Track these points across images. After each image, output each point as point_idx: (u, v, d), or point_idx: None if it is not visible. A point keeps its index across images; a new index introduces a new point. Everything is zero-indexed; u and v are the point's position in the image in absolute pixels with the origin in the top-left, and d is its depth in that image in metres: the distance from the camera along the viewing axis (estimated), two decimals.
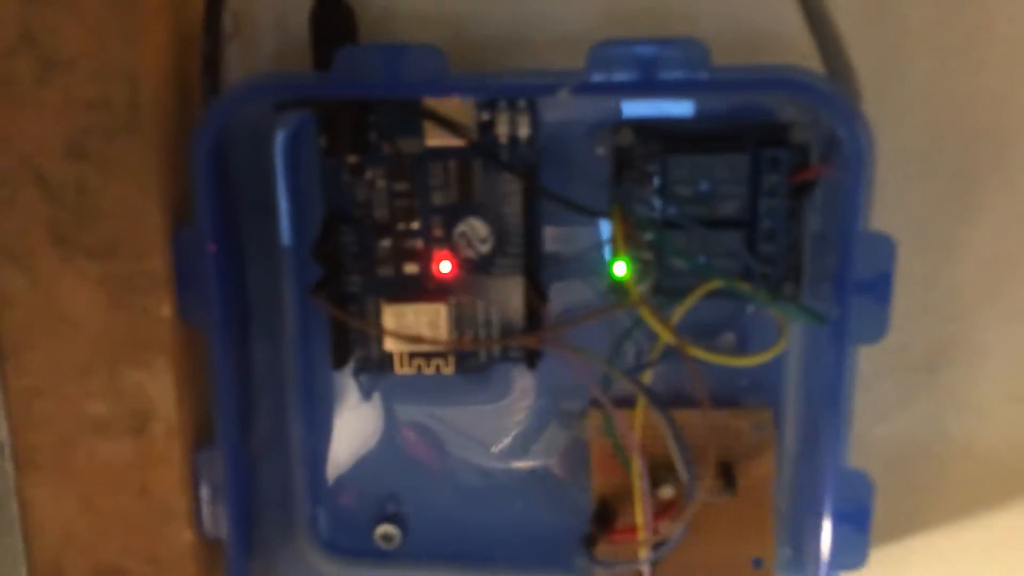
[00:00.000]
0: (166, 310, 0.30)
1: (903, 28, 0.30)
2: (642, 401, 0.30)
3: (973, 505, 0.34)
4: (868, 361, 0.30)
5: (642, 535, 0.32)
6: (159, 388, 0.31)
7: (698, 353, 0.29)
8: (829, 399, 0.28)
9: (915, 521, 0.35)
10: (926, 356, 0.33)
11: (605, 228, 0.32)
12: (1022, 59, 0.30)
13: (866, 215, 0.27)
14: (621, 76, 0.27)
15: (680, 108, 0.30)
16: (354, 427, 0.36)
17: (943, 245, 0.32)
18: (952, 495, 0.34)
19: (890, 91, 0.30)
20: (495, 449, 0.35)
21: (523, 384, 0.34)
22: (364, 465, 0.36)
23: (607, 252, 0.32)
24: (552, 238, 0.33)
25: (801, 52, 0.29)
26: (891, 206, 0.30)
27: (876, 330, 0.28)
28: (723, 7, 0.31)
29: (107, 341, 0.31)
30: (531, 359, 0.33)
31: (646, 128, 0.30)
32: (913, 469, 0.34)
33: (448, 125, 0.31)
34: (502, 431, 0.35)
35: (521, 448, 0.35)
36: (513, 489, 0.35)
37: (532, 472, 0.35)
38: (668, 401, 0.31)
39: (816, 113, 0.29)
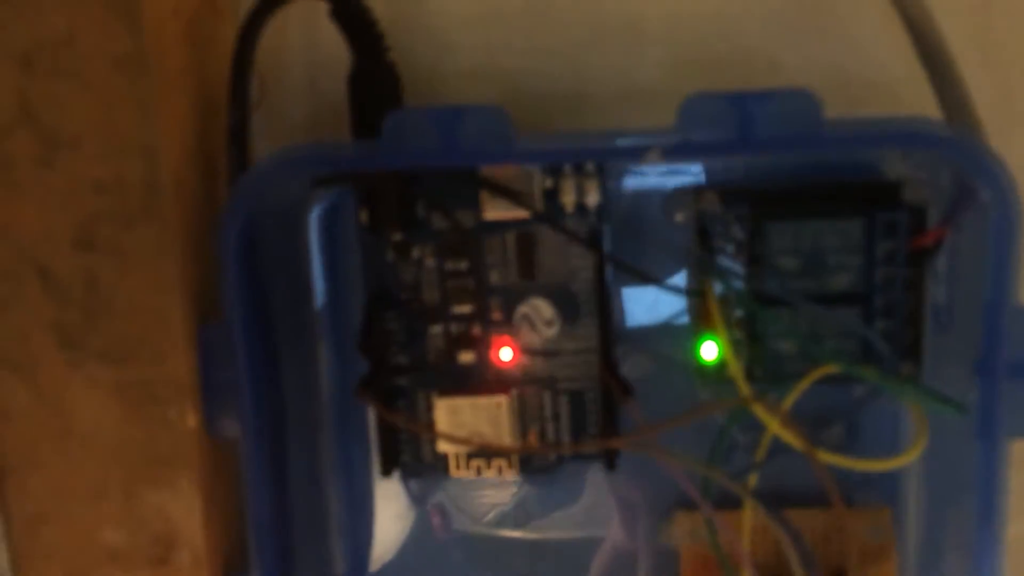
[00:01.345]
0: (191, 420, 0.26)
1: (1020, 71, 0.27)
2: (749, 504, 0.26)
3: None
4: None
5: None
6: (183, 510, 0.27)
7: (830, 458, 0.25)
8: (980, 503, 0.24)
9: None
10: None
11: (683, 303, 0.28)
12: None
13: (1016, 286, 0.23)
14: (718, 134, 0.23)
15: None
16: (405, 538, 0.31)
17: None
18: None
19: (1012, 142, 0.27)
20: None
21: (598, 485, 0.30)
22: None
23: (690, 331, 0.28)
24: (626, 317, 0.29)
25: (902, 101, 0.26)
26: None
27: None
28: (809, 52, 0.27)
29: (123, 458, 0.26)
30: (610, 460, 0.29)
31: (734, 191, 0.27)
32: None
33: (509, 194, 0.27)
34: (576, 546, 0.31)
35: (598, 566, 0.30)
36: None
37: None
38: (775, 501, 0.27)
39: (932, 169, 0.26)
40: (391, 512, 0.32)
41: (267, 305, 0.27)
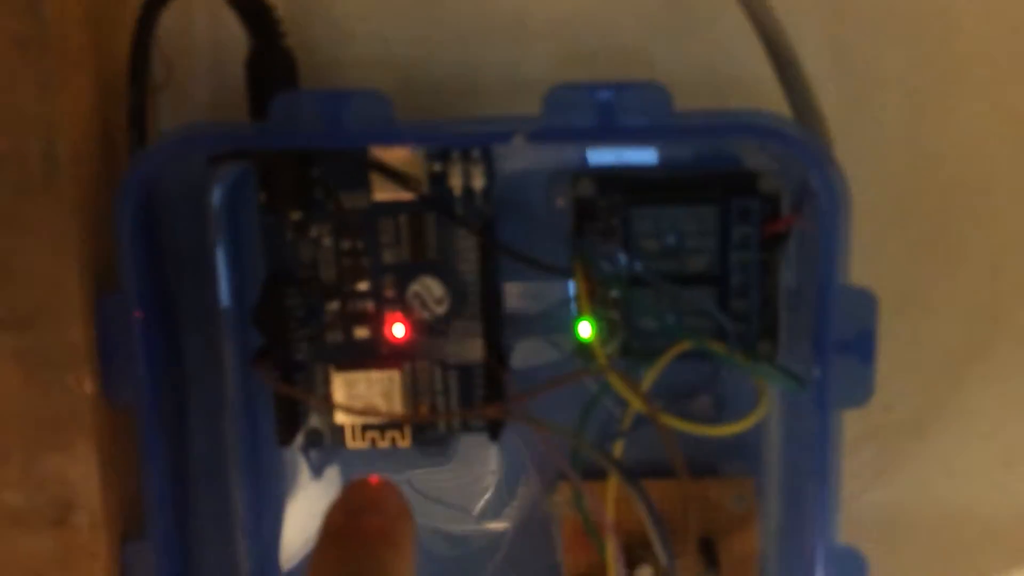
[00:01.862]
0: (88, 386, 0.27)
1: (874, 74, 0.29)
2: (613, 482, 0.28)
3: None
4: (850, 425, 0.28)
5: None
6: (81, 474, 0.28)
7: (673, 423, 0.27)
8: (814, 469, 0.26)
9: None
10: (912, 418, 0.31)
11: (569, 285, 0.30)
12: (996, 105, 0.29)
13: (844, 269, 0.25)
14: (579, 122, 0.25)
15: (641, 156, 0.29)
16: (306, 508, 0.33)
17: (923, 301, 0.30)
18: (947, 569, 0.32)
19: (861, 140, 0.29)
20: (460, 525, 0.32)
21: (486, 456, 0.32)
22: None
23: (572, 310, 0.30)
24: (512, 296, 0.31)
25: (765, 97, 0.28)
26: (867, 261, 0.28)
27: (861, 393, 0.25)
28: (682, 50, 0.29)
29: (23, 422, 0.28)
30: (494, 431, 0.30)
31: (608, 178, 0.29)
32: (903, 541, 0.32)
33: (397, 177, 0.29)
34: (466, 503, 0.32)
35: (487, 520, 0.32)
36: (479, 563, 0.33)
37: (496, 547, 0.32)
38: (642, 471, 0.29)
39: (786, 161, 0.28)
40: (295, 481, 0.33)
41: (167, 280, 0.29)
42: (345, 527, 0.23)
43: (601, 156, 0.29)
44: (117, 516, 0.29)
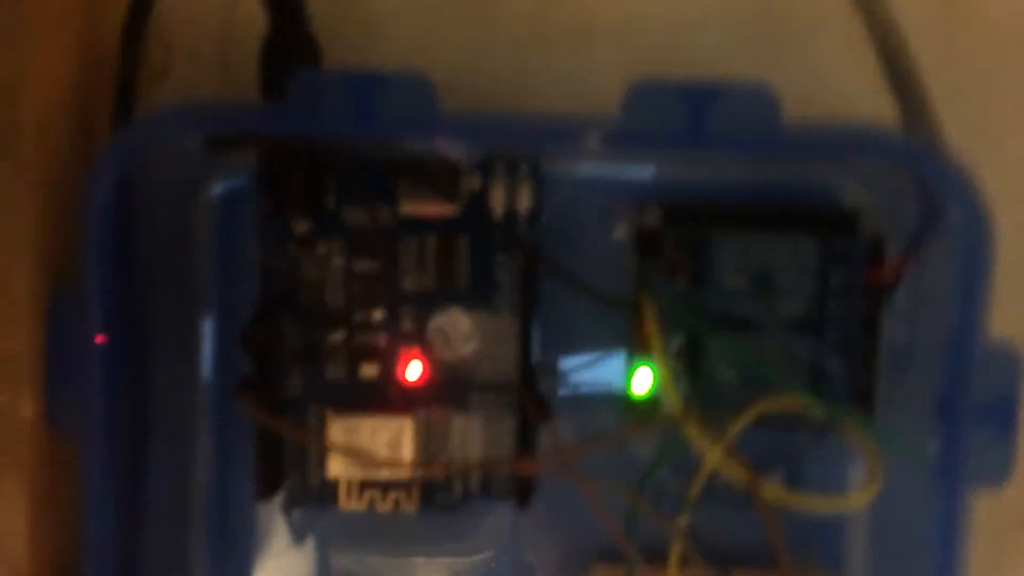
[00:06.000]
0: (27, 409, 0.23)
1: (990, 108, 0.26)
2: (676, 554, 0.23)
3: None
4: None
5: None
6: (6, 516, 0.23)
7: (776, 492, 0.22)
8: (939, 559, 0.21)
9: None
10: (1021, 511, 0.27)
11: (616, 331, 0.26)
12: None
13: (985, 322, 0.21)
14: (667, 125, 0.21)
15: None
16: None
17: None
18: None
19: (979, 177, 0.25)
20: None
21: (506, 528, 0.27)
22: None
23: (624, 359, 0.25)
24: (553, 339, 0.26)
25: None
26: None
27: (998, 470, 0.21)
28: (766, 72, 0.26)
29: None
30: (523, 495, 0.26)
31: (677, 207, 0.25)
32: None
33: (430, 183, 0.24)
34: None
35: None
36: None
37: None
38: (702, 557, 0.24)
39: (893, 197, 0.24)
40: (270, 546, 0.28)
41: (138, 288, 0.24)
42: None
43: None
44: (46, 570, 0.24)
